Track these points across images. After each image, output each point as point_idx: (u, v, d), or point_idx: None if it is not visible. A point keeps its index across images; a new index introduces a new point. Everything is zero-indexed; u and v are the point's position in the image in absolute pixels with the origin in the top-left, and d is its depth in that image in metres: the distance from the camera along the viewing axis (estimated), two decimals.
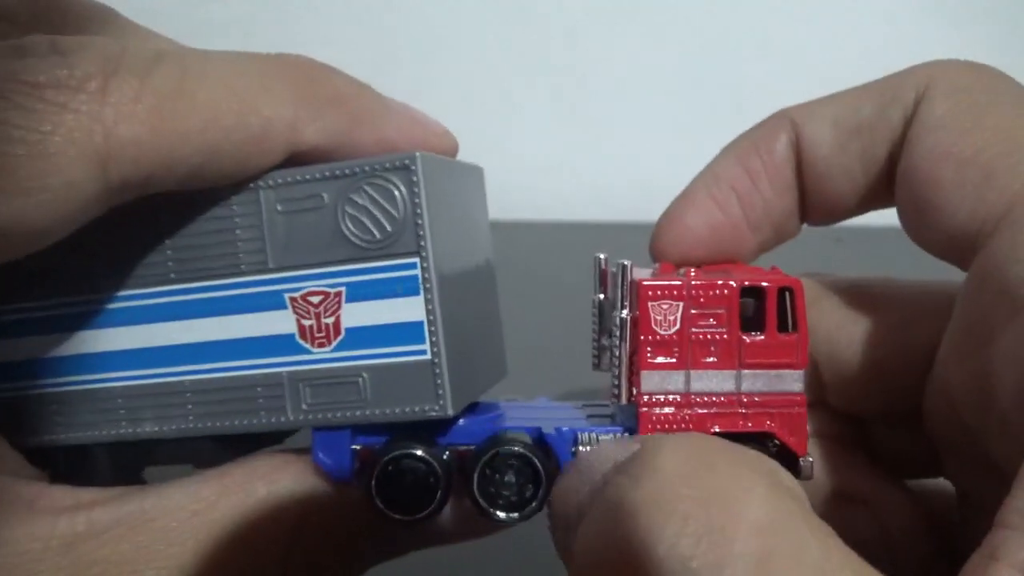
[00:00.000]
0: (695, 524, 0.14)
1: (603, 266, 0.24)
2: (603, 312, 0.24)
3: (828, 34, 0.72)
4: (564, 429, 0.22)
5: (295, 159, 0.22)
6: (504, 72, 0.70)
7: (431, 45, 0.68)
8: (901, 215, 0.23)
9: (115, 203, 0.20)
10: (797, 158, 0.24)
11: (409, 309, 0.21)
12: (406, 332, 0.21)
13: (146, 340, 0.23)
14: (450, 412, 0.21)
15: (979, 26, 0.72)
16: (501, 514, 0.22)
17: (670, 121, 0.72)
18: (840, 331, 0.25)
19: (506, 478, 0.21)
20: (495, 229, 0.27)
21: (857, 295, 0.25)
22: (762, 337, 0.21)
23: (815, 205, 0.25)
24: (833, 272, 0.27)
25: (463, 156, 0.26)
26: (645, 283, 0.21)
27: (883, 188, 0.24)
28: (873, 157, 0.23)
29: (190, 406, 0.23)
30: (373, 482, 0.21)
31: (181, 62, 0.20)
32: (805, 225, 0.27)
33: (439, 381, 0.21)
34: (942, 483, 0.25)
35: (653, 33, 0.71)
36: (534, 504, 0.22)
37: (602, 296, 0.24)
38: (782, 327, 0.21)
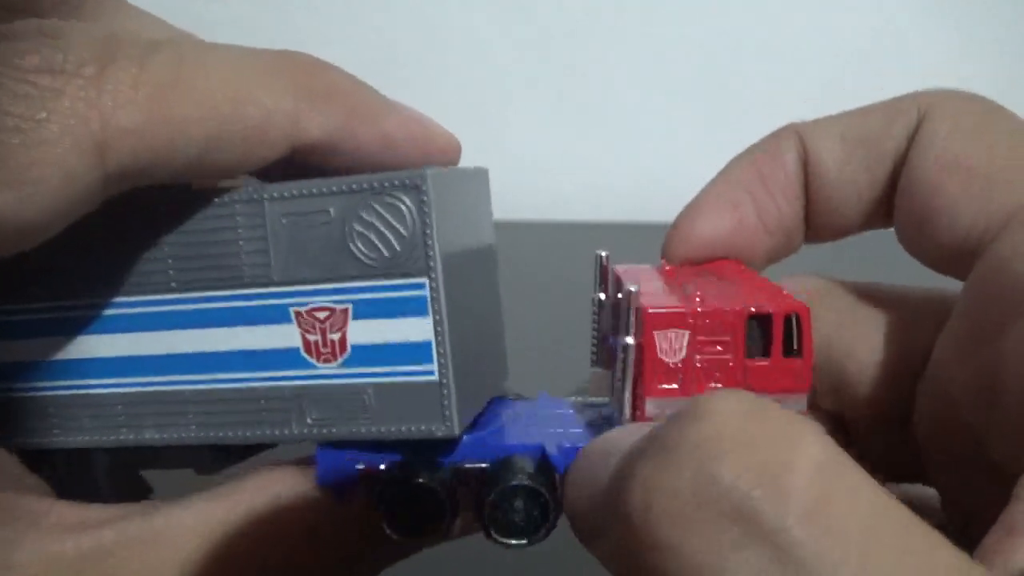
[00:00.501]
0: (758, 457, 0.14)
1: (604, 263, 0.24)
2: (603, 310, 0.24)
3: (829, 34, 0.72)
4: (567, 446, 0.22)
5: (296, 155, 0.21)
6: (504, 72, 0.70)
7: (431, 45, 0.68)
8: (900, 227, 0.24)
9: (112, 193, 0.20)
10: (804, 170, 0.25)
11: (417, 329, 0.21)
12: (413, 352, 0.21)
13: (146, 347, 0.23)
14: (456, 433, 0.21)
15: (979, 26, 0.72)
16: (513, 541, 0.21)
17: (670, 121, 0.72)
18: (836, 333, 0.25)
19: (515, 504, 0.21)
20: (495, 228, 0.27)
21: (853, 298, 0.25)
22: (767, 362, 0.21)
23: (819, 218, 0.25)
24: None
25: (463, 157, 0.26)
26: (651, 311, 0.21)
27: (884, 205, 0.24)
28: (878, 170, 0.24)
29: (191, 415, 0.23)
30: (382, 509, 0.21)
31: (179, 50, 0.20)
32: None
33: (446, 402, 0.21)
34: (922, 490, 0.25)
35: (653, 33, 0.71)
36: (542, 531, 0.21)
37: (602, 295, 0.24)
38: (787, 352, 0.21)
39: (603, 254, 0.24)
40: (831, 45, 0.72)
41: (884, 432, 0.26)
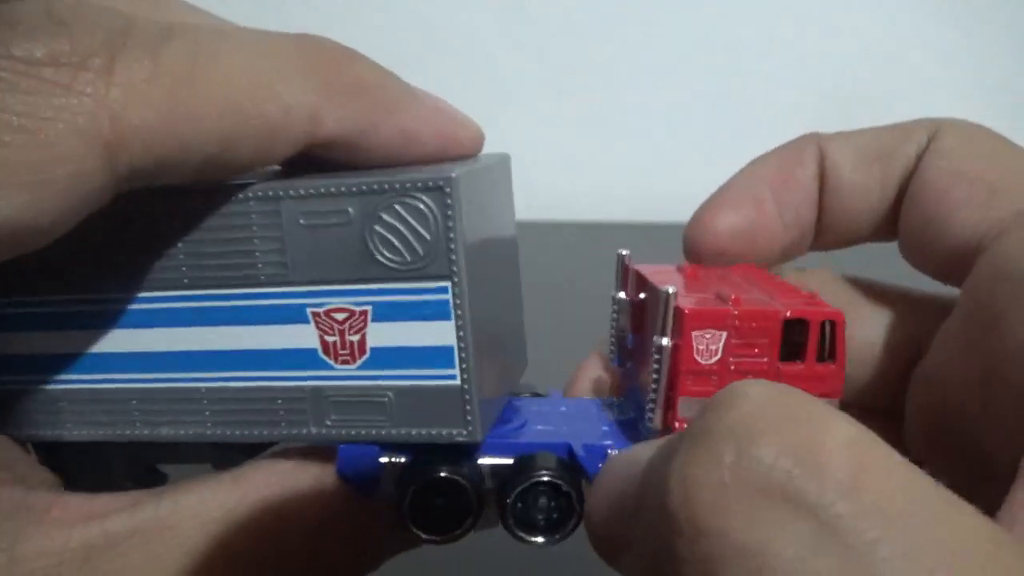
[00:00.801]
0: (793, 437, 0.14)
1: (625, 263, 0.24)
2: (622, 309, 0.24)
3: (832, 35, 0.72)
4: (595, 445, 0.21)
5: (314, 148, 0.21)
6: (504, 72, 0.70)
7: (431, 45, 0.69)
8: (905, 234, 0.25)
9: (122, 191, 0.19)
10: (821, 175, 0.26)
11: (439, 333, 0.20)
12: (435, 356, 0.21)
13: (161, 344, 0.22)
14: (479, 439, 0.21)
15: (979, 25, 0.72)
16: (536, 539, 0.21)
17: (670, 122, 0.72)
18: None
19: (539, 502, 0.21)
20: None
21: (855, 289, 0.26)
22: (801, 366, 0.21)
23: (830, 224, 0.26)
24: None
25: None
26: (689, 311, 0.21)
27: (891, 217, 0.25)
28: (889, 182, 0.25)
29: (207, 413, 0.22)
30: (407, 508, 0.21)
31: (194, 38, 0.19)
32: None
33: (468, 407, 0.21)
34: None
35: (654, 33, 0.71)
36: (565, 530, 0.21)
37: (622, 294, 0.24)
38: (820, 357, 0.21)
39: (624, 253, 0.24)
40: (835, 46, 0.72)
41: (871, 421, 0.26)
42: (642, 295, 0.23)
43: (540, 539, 0.21)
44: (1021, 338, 0.19)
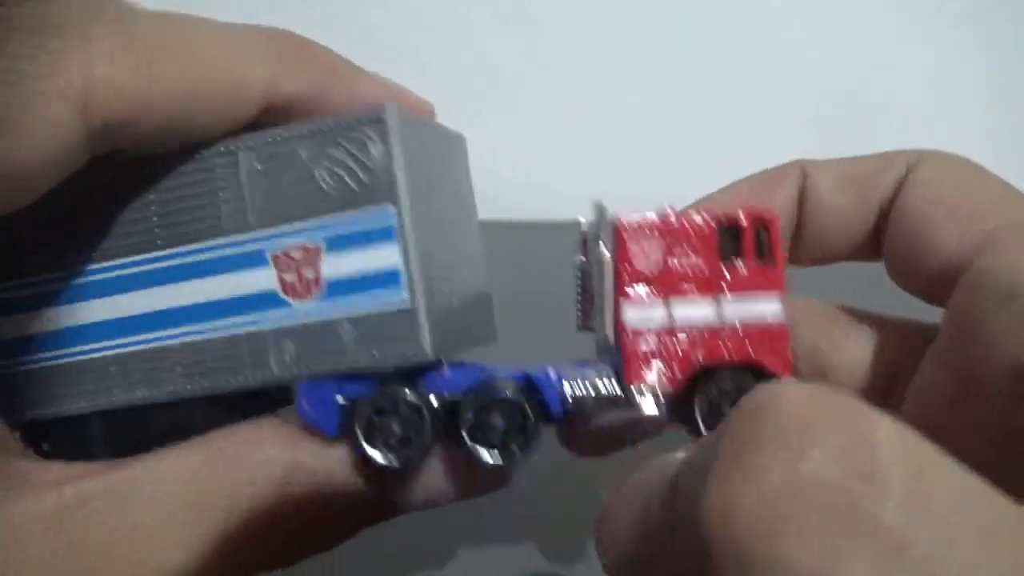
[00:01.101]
0: (841, 444, 0.13)
1: (584, 229, 0.25)
2: (584, 273, 0.25)
3: (833, 36, 0.72)
4: (551, 371, 0.23)
5: (271, 115, 0.22)
6: (506, 73, 0.70)
7: (431, 45, 0.69)
8: (890, 255, 0.26)
9: (96, 151, 0.20)
10: (800, 197, 0.27)
11: (386, 256, 0.22)
12: (384, 279, 0.22)
13: (134, 307, 0.23)
14: (429, 354, 0.22)
15: (977, 27, 0.72)
16: (495, 457, 0.22)
17: (670, 122, 0.72)
18: (824, 334, 0.27)
19: (493, 421, 0.22)
20: (495, 228, 0.27)
21: (842, 313, 0.27)
22: (741, 266, 0.23)
23: (809, 241, 0.27)
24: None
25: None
26: (624, 222, 0.22)
27: (870, 238, 0.27)
28: (867, 205, 0.26)
29: (179, 368, 0.23)
30: (358, 426, 0.22)
31: (163, 15, 0.21)
32: None
33: (419, 325, 0.21)
34: None
35: (654, 34, 0.71)
36: (523, 450, 0.22)
37: (583, 259, 0.25)
38: (759, 255, 0.23)
39: (583, 220, 0.25)
40: (833, 47, 0.72)
41: None
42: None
43: (497, 457, 0.22)
44: (1001, 349, 0.20)
